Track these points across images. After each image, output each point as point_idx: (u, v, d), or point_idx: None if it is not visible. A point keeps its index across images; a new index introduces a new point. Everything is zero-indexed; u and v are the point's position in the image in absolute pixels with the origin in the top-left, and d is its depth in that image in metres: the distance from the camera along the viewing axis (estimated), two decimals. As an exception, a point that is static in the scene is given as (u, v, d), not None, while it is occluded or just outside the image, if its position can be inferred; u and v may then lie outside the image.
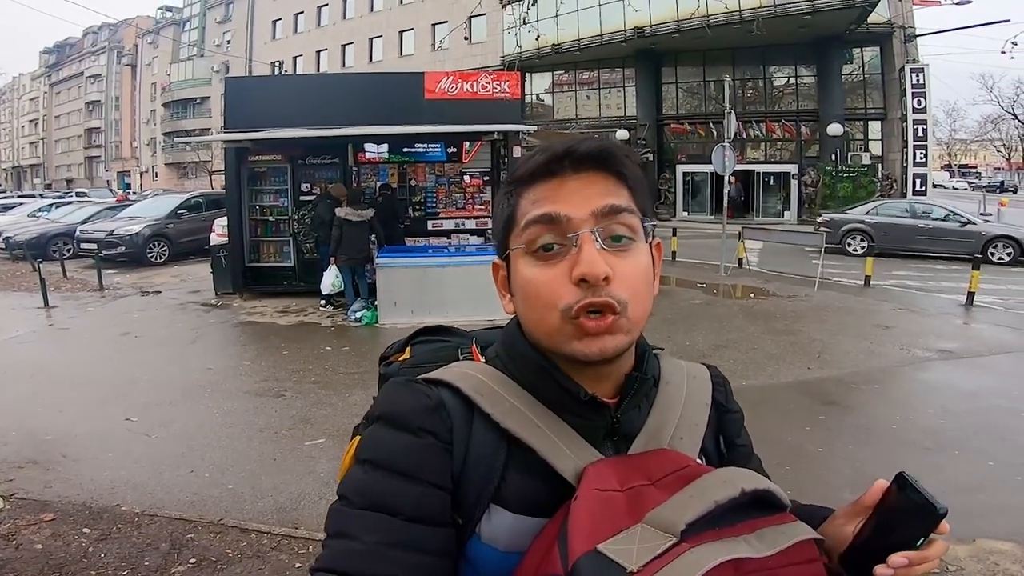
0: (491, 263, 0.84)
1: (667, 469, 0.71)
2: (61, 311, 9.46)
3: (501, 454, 0.74)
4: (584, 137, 0.78)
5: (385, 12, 33.94)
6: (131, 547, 3.05)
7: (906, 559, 0.68)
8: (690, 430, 0.81)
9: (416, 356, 0.91)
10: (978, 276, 9.18)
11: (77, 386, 6.00)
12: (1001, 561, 3.08)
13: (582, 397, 0.76)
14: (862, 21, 21.14)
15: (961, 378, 6.05)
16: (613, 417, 0.78)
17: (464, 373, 0.79)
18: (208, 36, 46.29)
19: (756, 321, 8.23)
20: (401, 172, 10.57)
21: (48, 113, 69.30)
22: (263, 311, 9.24)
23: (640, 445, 0.78)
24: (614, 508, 0.66)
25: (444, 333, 0.96)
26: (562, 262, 0.73)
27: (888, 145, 22.84)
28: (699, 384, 0.88)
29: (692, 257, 13.53)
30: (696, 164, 24.11)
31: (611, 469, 0.71)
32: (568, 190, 0.75)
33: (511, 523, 0.72)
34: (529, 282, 0.75)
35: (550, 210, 0.74)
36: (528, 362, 0.78)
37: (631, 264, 0.74)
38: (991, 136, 55.81)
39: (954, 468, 4.16)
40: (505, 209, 0.80)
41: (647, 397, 0.82)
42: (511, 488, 0.73)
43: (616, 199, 0.75)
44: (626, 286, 0.73)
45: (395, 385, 0.80)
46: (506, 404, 0.76)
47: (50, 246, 15.30)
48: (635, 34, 23.32)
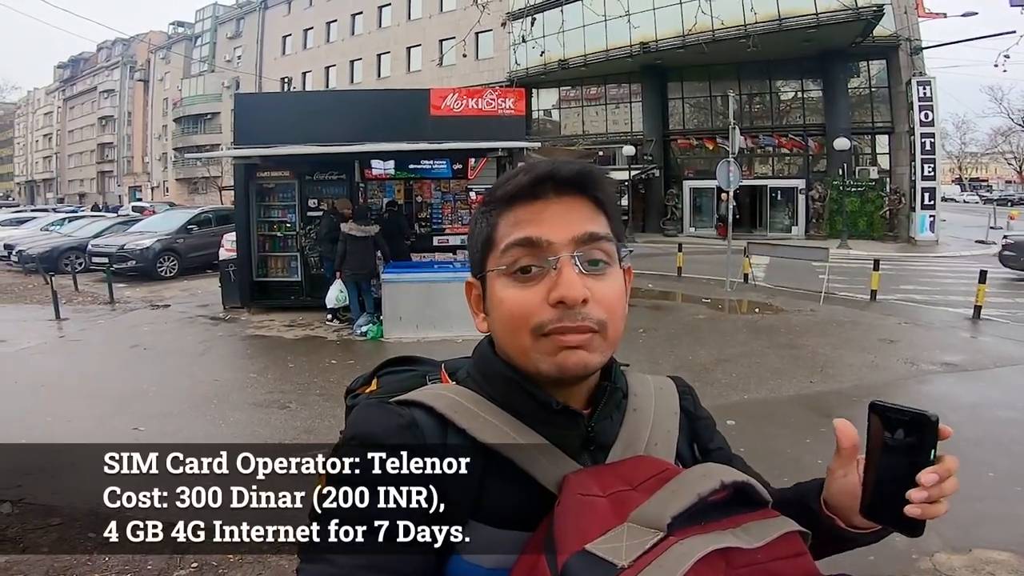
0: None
1: (647, 474, 0.72)
2: (72, 323, 9.59)
3: (478, 470, 0.73)
4: (564, 160, 0.79)
5: (393, 28, 34.31)
6: (136, 552, 3.12)
7: (935, 475, 0.68)
8: (664, 437, 0.82)
9: (384, 387, 0.88)
10: (984, 289, 9.18)
11: (86, 397, 6.10)
12: (997, 571, 3.11)
13: (555, 407, 0.76)
14: (867, 34, 21.19)
15: (965, 391, 6.08)
16: (588, 426, 0.78)
17: (437, 393, 0.79)
18: (219, 52, 46.84)
19: (760, 336, 8.26)
20: (407, 188, 10.67)
21: (62, 128, 70.08)
22: (270, 325, 9.34)
23: (617, 454, 0.78)
24: (598, 511, 0.66)
25: (411, 363, 0.93)
26: (540, 284, 0.74)
27: (896, 159, 22.80)
28: (666, 394, 0.88)
29: (697, 273, 13.55)
30: (703, 180, 24.10)
31: (591, 477, 0.71)
32: (549, 214, 0.75)
33: (493, 538, 0.71)
34: (504, 302, 0.76)
35: (531, 234, 0.75)
36: (500, 378, 0.79)
37: (607, 287, 0.75)
38: (1002, 149, 55.53)
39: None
40: (484, 229, 0.80)
41: (618, 408, 0.82)
42: (490, 503, 0.72)
43: (595, 226, 0.76)
44: (603, 307, 0.74)
45: (366, 407, 0.80)
46: (481, 420, 0.76)
47: (62, 260, 15.45)
48: (641, 50, 23.46)
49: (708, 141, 25.12)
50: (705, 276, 13.15)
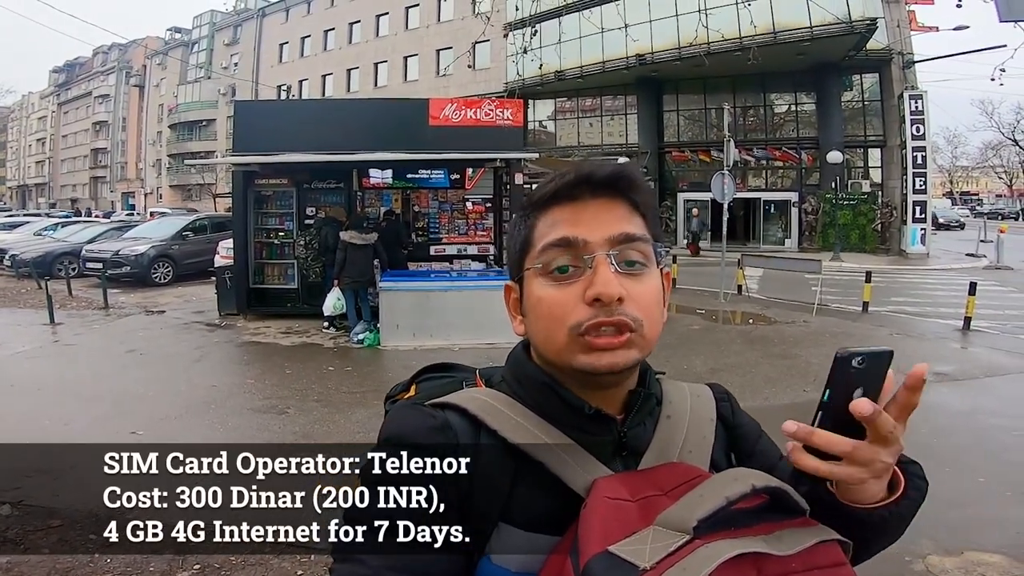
0: (492, 289, 0.88)
1: (679, 480, 0.71)
2: (66, 328, 9.56)
3: (509, 471, 0.73)
4: (600, 163, 0.81)
5: (391, 37, 34.43)
6: (137, 552, 3.11)
7: (867, 403, 0.63)
8: (698, 444, 0.81)
9: (422, 392, 0.87)
10: (974, 301, 9.25)
11: (83, 400, 6.10)
12: (989, 573, 3.16)
13: (587, 411, 0.76)
14: (860, 48, 21.36)
15: (955, 399, 6.15)
16: (620, 432, 0.78)
17: (470, 396, 0.80)
18: (216, 58, 46.85)
19: (754, 346, 8.30)
20: (405, 198, 10.69)
21: (55, 132, 69.86)
22: (266, 332, 9.33)
23: (650, 461, 0.78)
24: (625, 514, 0.66)
25: (448, 370, 0.93)
26: (576, 283, 0.74)
27: (888, 172, 22.95)
28: (703, 402, 0.86)
29: (692, 284, 13.58)
30: (697, 192, 24.18)
31: (621, 482, 0.71)
32: (586, 215, 0.76)
33: (522, 541, 0.72)
34: (541, 300, 0.76)
35: (568, 233, 0.75)
36: (533, 381, 0.79)
37: (644, 287, 0.75)
38: (992, 163, 55.89)
39: (945, 484, 4.23)
40: (522, 231, 0.81)
41: (651, 414, 0.82)
42: (520, 505, 0.73)
43: (631, 227, 0.76)
44: (640, 307, 0.74)
45: (401, 409, 0.82)
46: (513, 422, 0.76)
47: (55, 265, 15.41)
48: (637, 61, 23.60)
49: (703, 154, 25.25)
50: (699, 287, 13.19)
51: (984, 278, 12.75)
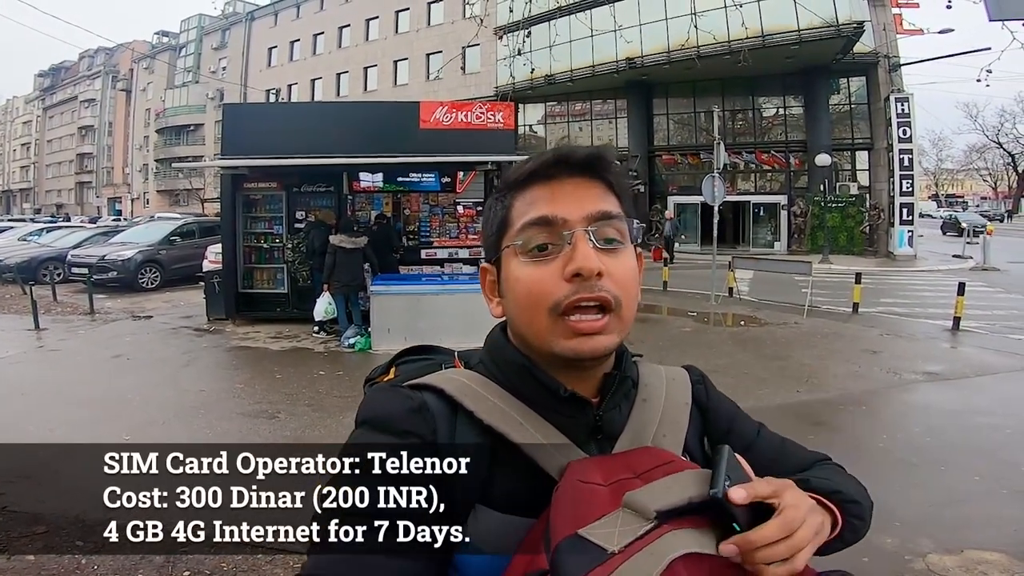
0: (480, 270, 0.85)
1: (652, 463, 0.72)
2: (51, 333, 9.44)
3: (485, 453, 0.74)
4: (575, 145, 0.82)
5: (380, 41, 34.42)
6: (124, 559, 3.07)
7: (732, 545, 0.63)
8: (672, 428, 0.82)
9: (402, 375, 0.87)
10: (963, 301, 9.32)
11: (69, 406, 6.01)
12: (990, 571, 3.17)
13: (562, 393, 0.77)
14: (848, 51, 21.57)
15: (947, 399, 6.20)
16: (595, 415, 0.78)
17: (447, 377, 0.80)
18: (204, 62, 46.65)
19: (746, 347, 8.33)
20: (395, 201, 10.65)
21: (40, 137, 69.27)
22: (256, 336, 9.25)
23: (624, 444, 0.78)
24: (597, 498, 0.66)
25: (428, 352, 0.93)
26: (555, 260, 0.75)
27: (875, 175, 23.18)
28: (678, 385, 0.88)
29: (683, 287, 13.62)
30: (687, 195, 24.34)
31: (595, 465, 0.72)
32: (563, 193, 0.77)
33: (498, 523, 0.72)
34: (520, 280, 0.77)
35: (546, 212, 0.76)
36: (511, 363, 0.80)
37: (622, 263, 0.76)
38: (977, 165, 56.58)
39: (940, 482, 4.27)
40: (498, 212, 0.81)
41: (627, 397, 0.82)
42: (496, 487, 0.73)
43: (608, 206, 0.78)
44: (618, 283, 0.75)
45: (377, 391, 0.82)
46: (489, 403, 0.77)
47: (40, 270, 15.25)
48: (627, 65, 23.71)
49: (692, 157, 25.39)
50: (690, 290, 13.24)
51: (972, 279, 12.87)
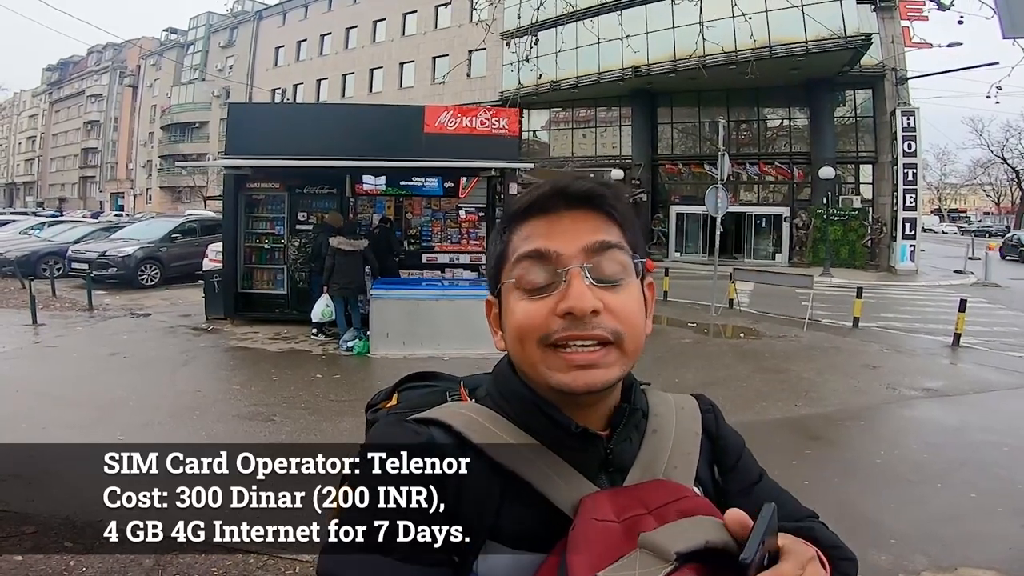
0: (484, 298, 0.84)
1: (665, 499, 0.71)
2: (49, 329, 9.43)
3: (495, 490, 0.73)
4: (577, 175, 0.79)
5: (387, 43, 34.49)
6: (114, 562, 3.06)
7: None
8: (683, 459, 0.81)
9: (404, 402, 0.87)
10: (964, 318, 9.32)
11: (63, 404, 5.98)
12: (982, 591, 3.14)
13: (573, 429, 0.75)
14: (855, 63, 21.54)
15: (946, 415, 6.20)
16: (606, 449, 0.77)
17: (455, 412, 0.79)
18: (211, 60, 46.75)
19: (746, 360, 8.31)
20: (398, 205, 10.65)
21: (46, 131, 69.36)
22: (254, 337, 9.24)
23: (635, 477, 0.77)
24: (612, 537, 0.66)
25: (431, 379, 0.92)
26: (550, 296, 0.74)
27: (879, 189, 23.13)
28: (688, 414, 0.86)
29: (683, 297, 13.62)
30: (690, 205, 24.32)
31: (608, 500, 0.71)
32: (560, 227, 0.76)
33: (509, 560, 0.71)
34: (514, 314, 0.76)
35: (540, 246, 0.75)
36: (518, 397, 0.78)
37: (622, 298, 0.74)
38: (980, 180, 56.55)
39: (937, 499, 4.26)
40: (498, 246, 0.81)
41: (637, 429, 0.81)
42: (507, 523, 0.72)
43: (606, 235, 0.76)
44: (619, 318, 0.73)
45: (385, 425, 0.81)
46: (498, 439, 0.75)
47: (40, 264, 15.24)
48: (632, 73, 23.72)
49: (695, 167, 25.39)
50: (691, 301, 13.23)
51: (972, 295, 12.88)
